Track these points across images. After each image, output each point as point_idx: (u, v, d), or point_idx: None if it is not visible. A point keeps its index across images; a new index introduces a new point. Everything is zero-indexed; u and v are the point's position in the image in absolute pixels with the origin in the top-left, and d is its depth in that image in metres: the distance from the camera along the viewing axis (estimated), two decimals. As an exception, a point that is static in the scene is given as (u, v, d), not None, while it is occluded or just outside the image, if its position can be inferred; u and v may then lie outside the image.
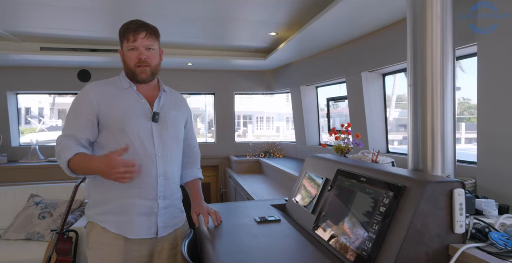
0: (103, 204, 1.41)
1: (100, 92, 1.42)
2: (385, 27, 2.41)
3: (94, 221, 1.41)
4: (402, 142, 6.23)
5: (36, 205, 2.89)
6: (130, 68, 1.43)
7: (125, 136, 1.39)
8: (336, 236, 1.26)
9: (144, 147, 1.42)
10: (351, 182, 1.35)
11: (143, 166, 1.40)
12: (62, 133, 1.37)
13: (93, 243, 1.40)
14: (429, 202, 1.01)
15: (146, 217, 1.41)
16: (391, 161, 2.02)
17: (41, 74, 4.04)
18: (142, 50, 1.40)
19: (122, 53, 1.46)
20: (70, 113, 1.41)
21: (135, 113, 1.43)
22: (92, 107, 1.39)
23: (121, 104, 1.43)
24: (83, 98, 1.41)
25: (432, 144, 1.31)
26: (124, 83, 1.47)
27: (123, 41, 1.42)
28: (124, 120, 1.40)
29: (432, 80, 1.30)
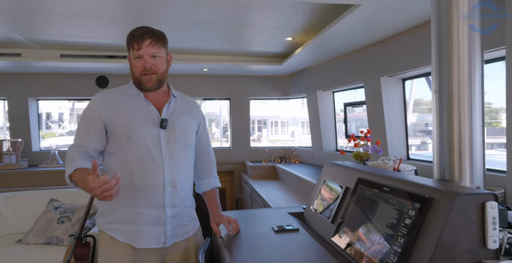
0: (110, 213, 1.41)
1: (108, 100, 1.43)
2: (406, 30, 2.35)
3: (103, 230, 1.41)
4: (420, 147, 6.04)
5: (55, 209, 2.93)
6: (136, 76, 1.42)
7: (132, 144, 1.38)
8: (358, 248, 1.21)
9: (151, 154, 1.39)
10: (373, 192, 1.30)
11: (150, 175, 1.38)
12: (73, 143, 1.38)
13: (103, 252, 1.40)
14: (459, 216, 0.95)
15: (154, 226, 1.39)
16: (414, 169, 1.96)
17: (61, 81, 4.13)
18: (147, 59, 1.38)
19: (129, 60, 1.45)
20: (80, 123, 1.42)
21: (142, 120, 1.42)
22: (100, 116, 1.39)
23: (128, 111, 1.42)
24: (92, 107, 1.42)
25: (460, 153, 1.25)
26: (132, 91, 1.47)
27: (129, 49, 1.41)
28: (130, 128, 1.39)
29: (459, 86, 1.25)
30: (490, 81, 1.97)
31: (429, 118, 8.03)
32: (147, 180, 1.37)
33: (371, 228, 1.20)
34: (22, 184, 3.57)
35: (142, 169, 1.38)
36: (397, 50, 2.48)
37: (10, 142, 3.82)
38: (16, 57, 3.34)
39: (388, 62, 2.59)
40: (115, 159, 1.40)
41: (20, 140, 3.90)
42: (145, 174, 1.37)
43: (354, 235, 1.28)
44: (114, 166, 1.41)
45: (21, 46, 3.24)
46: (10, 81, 4.03)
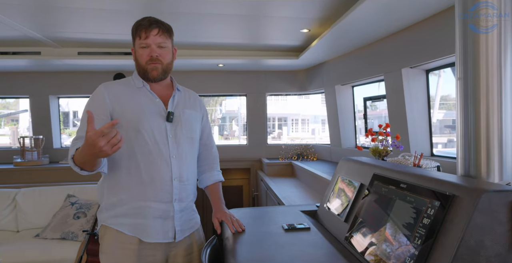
0: (117, 206, 1.36)
1: (113, 91, 1.38)
2: (429, 17, 2.20)
3: (108, 224, 1.37)
4: (447, 145, 5.78)
5: (72, 205, 2.97)
6: (142, 65, 1.38)
7: (140, 136, 1.34)
8: (372, 249, 1.11)
9: (159, 148, 1.36)
10: (389, 189, 1.19)
11: (158, 169, 1.35)
12: (76, 135, 1.33)
13: (106, 248, 1.36)
14: (485, 215, 0.84)
15: (162, 221, 1.36)
16: (437, 165, 1.82)
17: (80, 78, 4.19)
18: (154, 48, 1.36)
19: (134, 51, 1.41)
20: (83, 114, 1.37)
21: (150, 113, 1.38)
22: (106, 107, 1.35)
23: (135, 103, 1.38)
24: (96, 98, 1.37)
25: (487, 146, 1.12)
26: (137, 83, 1.43)
27: (135, 38, 1.38)
28: (139, 120, 1.35)
29: (487, 71, 1.12)
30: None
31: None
32: (155, 174, 1.35)
33: (386, 228, 1.10)
34: (42, 180, 3.65)
35: (150, 163, 1.35)
36: (419, 39, 2.32)
37: (32, 139, 3.91)
38: (36, 56, 3.41)
39: (409, 53, 2.44)
40: (120, 151, 1.33)
41: (41, 137, 3.99)
42: (153, 168, 1.35)
43: (367, 235, 1.18)
44: (119, 159, 1.36)
45: (40, 44, 3.31)
46: (32, 80, 4.13)
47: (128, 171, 1.35)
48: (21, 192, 3.20)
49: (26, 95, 4.21)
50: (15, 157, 3.88)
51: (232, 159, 4.22)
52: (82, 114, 1.39)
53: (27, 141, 3.90)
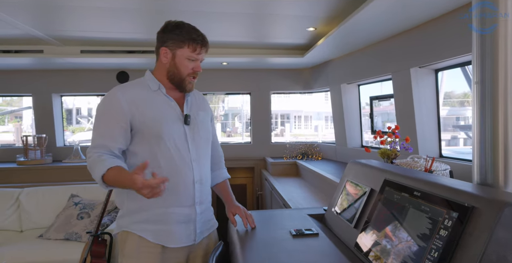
0: (138, 212, 1.35)
1: (130, 97, 1.34)
2: (439, 16, 2.14)
3: (130, 230, 1.35)
4: (450, 142, 5.71)
5: (75, 205, 2.95)
6: (181, 75, 1.39)
7: (161, 142, 1.33)
8: (384, 259, 1.08)
9: (180, 153, 1.36)
10: (402, 196, 1.16)
11: (180, 174, 1.35)
12: (93, 143, 1.30)
13: (129, 252, 1.35)
14: (508, 229, 0.80)
15: (185, 225, 1.37)
16: (447, 168, 1.78)
17: (83, 76, 4.16)
18: (199, 64, 1.41)
19: (171, 54, 1.38)
20: (99, 121, 1.33)
21: (169, 117, 1.37)
22: (124, 113, 1.31)
23: (154, 108, 1.36)
24: (113, 103, 1.32)
25: (505, 153, 1.08)
26: (152, 85, 1.40)
27: (184, 46, 1.36)
28: (160, 127, 1.33)
29: (505, 75, 1.07)
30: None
31: (461, 112, 7.55)
32: (178, 179, 1.35)
33: (399, 237, 1.07)
34: (46, 179, 3.63)
35: (172, 168, 1.35)
36: (429, 38, 2.27)
37: (35, 138, 3.90)
38: (38, 54, 3.38)
39: (418, 52, 2.38)
40: (140, 158, 1.34)
41: (44, 135, 3.97)
42: (175, 173, 1.35)
43: (379, 243, 1.14)
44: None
45: (43, 43, 3.27)
46: (34, 78, 4.11)
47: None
48: (24, 192, 3.19)
49: (29, 94, 4.19)
50: (18, 156, 3.86)
51: (236, 158, 4.19)
52: (96, 118, 1.35)
53: (30, 139, 3.88)
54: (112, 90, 1.36)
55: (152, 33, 1.50)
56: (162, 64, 1.40)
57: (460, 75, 2.59)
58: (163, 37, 1.39)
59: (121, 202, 1.40)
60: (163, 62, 1.39)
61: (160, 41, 1.39)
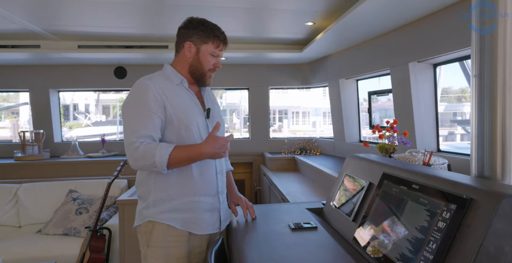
0: (166, 202, 1.38)
1: (160, 88, 1.37)
2: (438, 10, 2.14)
3: (157, 220, 1.38)
4: (447, 137, 5.73)
5: (74, 200, 2.95)
6: (203, 69, 1.44)
7: (191, 135, 1.38)
8: (382, 252, 1.08)
9: None
10: (400, 189, 1.16)
11: (206, 165, 1.42)
12: (136, 134, 1.30)
13: (156, 241, 1.37)
14: (506, 220, 0.81)
15: (210, 213, 1.43)
16: (445, 162, 1.79)
17: (80, 72, 4.14)
18: (219, 60, 1.46)
19: (195, 49, 1.42)
20: (137, 112, 1.33)
21: (195, 110, 1.43)
22: (159, 104, 1.34)
23: (181, 101, 1.40)
24: (148, 94, 1.34)
25: (503, 146, 1.08)
26: (174, 79, 1.44)
27: (208, 42, 1.41)
28: (188, 118, 1.38)
29: (504, 69, 1.08)
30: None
31: (458, 108, 7.56)
32: (204, 170, 1.41)
33: (397, 230, 1.07)
34: (44, 175, 3.63)
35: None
36: (427, 33, 2.27)
37: (32, 133, 3.88)
38: (35, 49, 3.36)
39: (417, 47, 2.38)
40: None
41: (42, 131, 3.96)
42: (202, 164, 1.40)
43: (377, 236, 1.15)
44: None
45: (40, 38, 3.25)
46: (31, 73, 4.08)
47: (178, 169, 1.37)
48: (22, 187, 3.18)
49: (26, 89, 4.16)
50: (15, 152, 3.85)
51: (235, 153, 4.18)
52: (132, 108, 1.35)
53: (28, 135, 3.87)
54: (142, 81, 1.38)
55: (150, 28, 1.51)
56: (185, 58, 1.44)
57: (458, 71, 2.59)
58: (187, 32, 1.43)
59: (146, 193, 1.41)
60: (186, 56, 1.43)
61: (185, 35, 1.43)
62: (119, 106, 18.82)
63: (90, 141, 4.56)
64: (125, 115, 1.36)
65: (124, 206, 2.38)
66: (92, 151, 4.13)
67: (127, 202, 2.36)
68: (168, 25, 2.93)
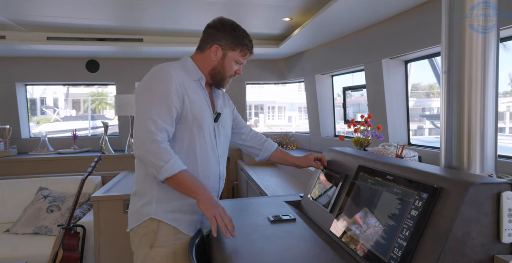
0: (170, 201, 1.33)
1: (181, 80, 1.31)
2: (410, 9, 2.22)
3: (161, 219, 1.31)
4: (417, 132, 5.99)
5: (44, 198, 2.84)
6: (225, 75, 1.42)
7: (201, 133, 1.34)
8: (359, 240, 1.13)
9: (213, 147, 1.39)
10: (375, 180, 1.21)
11: (212, 168, 1.40)
12: (156, 124, 1.21)
13: (162, 241, 1.31)
14: (472, 207, 0.87)
15: None
16: (416, 155, 1.87)
17: (50, 65, 3.97)
18: (241, 67, 1.46)
19: (221, 54, 1.39)
20: (158, 101, 1.24)
21: (208, 110, 1.38)
22: (179, 97, 1.28)
23: (197, 97, 1.35)
24: (172, 85, 1.26)
25: (469, 138, 1.15)
26: (194, 74, 1.38)
27: (236, 49, 1.39)
28: (202, 118, 1.34)
29: (471, 65, 1.14)
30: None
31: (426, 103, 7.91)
32: (209, 173, 1.39)
33: (372, 219, 1.12)
34: (11, 172, 3.46)
35: (206, 161, 1.38)
36: (399, 31, 2.35)
37: (-3, 129, 3.70)
38: (0, 40, 3.18)
39: (390, 44, 2.46)
40: (178, 146, 1.32)
41: (8, 126, 3.77)
42: (208, 167, 1.38)
43: (354, 226, 1.20)
44: (178, 154, 1.30)
45: (6, 28, 3.08)
46: (-4, 66, 3.87)
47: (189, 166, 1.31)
48: (-12, 186, 3.03)
49: (-10, 82, 3.95)
50: (-21, 149, 3.66)
51: None
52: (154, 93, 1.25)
53: (-7, 131, 3.68)
54: (165, 69, 1.29)
55: (124, 20, 1.47)
56: (208, 60, 1.40)
57: (427, 67, 2.70)
58: (217, 34, 1.39)
59: (148, 189, 1.33)
60: (211, 58, 1.39)
61: (213, 36, 1.39)
62: (90, 100, 18.19)
63: (60, 137, 4.39)
64: (144, 101, 1.26)
65: (99, 203, 2.33)
66: (63, 147, 3.98)
67: (102, 199, 2.31)
68: (143, 18, 2.86)
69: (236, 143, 1.69)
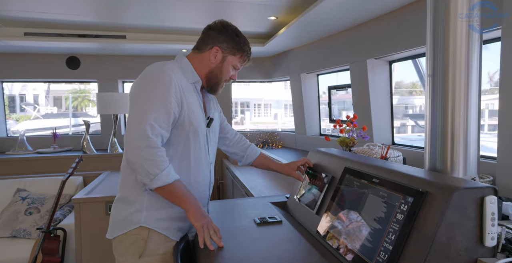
0: (161, 209, 1.28)
1: (180, 83, 1.25)
2: (394, 10, 2.23)
3: (152, 227, 1.26)
4: (400, 129, 6.11)
5: (23, 200, 2.75)
6: (220, 79, 1.40)
7: (197, 141, 1.31)
8: (345, 243, 1.13)
9: (206, 153, 1.37)
10: (361, 183, 1.21)
11: (203, 174, 1.38)
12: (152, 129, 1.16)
13: (152, 250, 1.27)
14: (457, 211, 0.87)
15: None
16: (400, 155, 1.89)
17: (28, 61, 3.83)
18: (236, 73, 1.44)
19: (221, 57, 1.36)
20: (156, 104, 1.18)
21: (202, 115, 1.34)
22: (178, 101, 1.23)
23: (192, 102, 1.30)
24: (171, 88, 1.21)
25: (452, 141, 1.17)
26: (191, 77, 1.33)
27: (236, 54, 1.37)
28: (198, 124, 1.30)
29: (454, 69, 1.15)
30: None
31: (409, 101, 8.07)
32: (200, 180, 1.37)
33: (358, 222, 1.12)
34: (-13, 172, 3.34)
35: (199, 168, 1.35)
36: (384, 31, 2.37)
37: (-27, 128, 3.55)
38: (-26, 35, 3.05)
39: (375, 44, 2.48)
40: (172, 151, 1.27)
41: (-16, 125, 3.63)
42: (200, 173, 1.36)
43: (340, 229, 1.20)
44: (171, 159, 1.26)
45: (-20, 23, 2.96)
46: (-30, 62, 3.71)
47: (178, 173, 1.26)
48: (-38, 187, 2.91)
49: (-36, 79, 3.79)
50: (-47, 148, 3.51)
51: None
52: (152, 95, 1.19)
53: (-33, 130, 3.53)
54: (162, 70, 1.22)
55: (106, 17, 1.41)
56: (207, 62, 1.36)
57: (409, 65, 2.73)
58: (219, 37, 1.35)
59: (138, 197, 1.27)
60: (210, 60, 1.36)
61: (215, 38, 1.35)
62: (71, 97, 17.76)
63: (40, 135, 4.26)
64: (141, 103, 1.20)
65: (80, 205, 2.27)
66: (42, 146, 3.86)
67: (84, 201, 2.25)
68: (126, 14, 2.79)
69: (220, 148, 1.67)
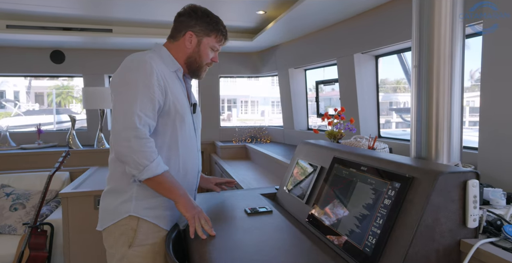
0: (150, 197, 1.28)
1: (161, 72, 1.26)
2: (381, 5, 2.28)
3: (142, 216, 1.27)
4: (384, 125, 6.25)
5: (7, 196, 2.70)
6: (201, 63, 1.39)
7: (184, 128, 1.32)
8: (334, 230, 1.16)
9: (193, 140, 1.38)
10: (350, 171, 1.24)
11: (192, 162, 1.38)
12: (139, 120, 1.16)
13: (142, 240, 1.27)
14: (441, 195, 0.91)
15: None
16: (386, 147, 1.93)
17: (9, 55, 3.73)
18: (217, 54, 1.42)
19: (196, 41, 1.35)
20: (140, 94, 1.18)
21: (186, 102, 1.35)
22: (161, 90, 1.23)
23: (177, 90, 1.31)
24: (153, 77, 1.21)
25: (437, 130, 1.21)
26: (171, 65, 1.34)
27: (210, 35, 1.36)
28: (184, 111, 1.31)
29: (438, 60, 1.19)
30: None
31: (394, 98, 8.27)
32: (189, 167, 1.37)
33: (347, 209, 1.15)
34: (-31, 169, 3.25)
35: (188, 156, 1.36)
36: (371, 26, 2.41)
37: (-47, 123, 3.45)
38: (-47, 27, 2.96)
39: (361, 39, 2.52)
40: (160, 140, 1.28)
41: (-36, 120, 3.53)
42: (189, 161, 1.37)
43: (329, 216, 1.23)
44: (161, 148, 1.26)
45: (-41, 15, 2.87)
46: (-51, 55, 3.59)
47: (167, 161, 1.28)
48: None
49: None
50: None
51: None
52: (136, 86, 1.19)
53: None
54: (143, 59, 1.22)
55: (92, 9, 1.40)
56: (183, 48, 1.36)
57: (394, 63, 2.79)
58: (190, 21, 1.35)
59: (128, 187, 1.27)
60: (186, 46, 1.36)
61: (186, 24, 1.35)
62: (55, 93, 17.36)
63: (23, 132, 4.17)
64: (124, 94, 1.20)
65: (68, 199, 2.24)
66: (26, 142, 3.78)
67: (72, 195, 2.23)
68: (112, 7, 2.75)
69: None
